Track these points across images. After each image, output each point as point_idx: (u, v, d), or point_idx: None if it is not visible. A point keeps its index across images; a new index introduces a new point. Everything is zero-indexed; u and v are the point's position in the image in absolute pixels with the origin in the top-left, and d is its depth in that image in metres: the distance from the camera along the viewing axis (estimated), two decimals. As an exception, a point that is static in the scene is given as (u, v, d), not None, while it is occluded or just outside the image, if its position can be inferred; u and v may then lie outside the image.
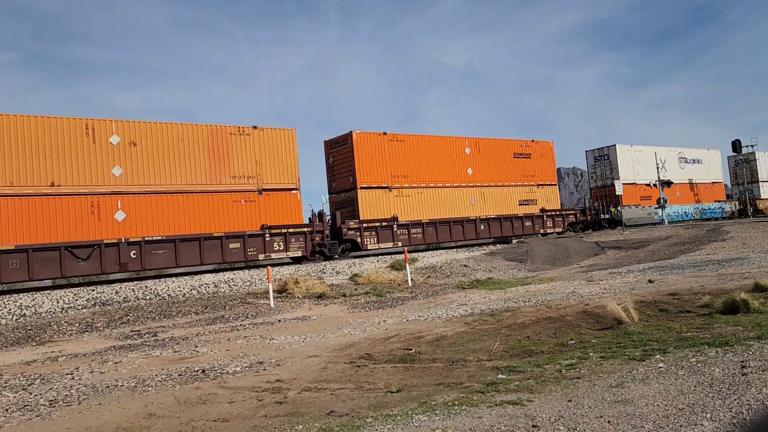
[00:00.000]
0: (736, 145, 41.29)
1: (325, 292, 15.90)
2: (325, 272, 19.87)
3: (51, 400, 6.61)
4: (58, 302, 15.12)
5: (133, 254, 18.87)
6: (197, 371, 7.63)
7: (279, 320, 12.34)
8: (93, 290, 16.44)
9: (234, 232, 20.76)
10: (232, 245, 20.65)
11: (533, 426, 4.48)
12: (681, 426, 4.22)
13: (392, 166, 25.62)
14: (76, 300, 15.41)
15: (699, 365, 5.79)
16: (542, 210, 31.48)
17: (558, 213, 32.64)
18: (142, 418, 5.67)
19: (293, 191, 22.72)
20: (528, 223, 30.49)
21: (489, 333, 8.75)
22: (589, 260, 22.71)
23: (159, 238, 19.30)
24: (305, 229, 22.57)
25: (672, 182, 37.63)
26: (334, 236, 23.69)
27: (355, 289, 16.68)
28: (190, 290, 16.88)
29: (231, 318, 13.06)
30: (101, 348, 10.31)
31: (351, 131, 24.89)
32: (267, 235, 21.54)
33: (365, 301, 14.52)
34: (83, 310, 14.62)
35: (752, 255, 17.11)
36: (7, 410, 6.32)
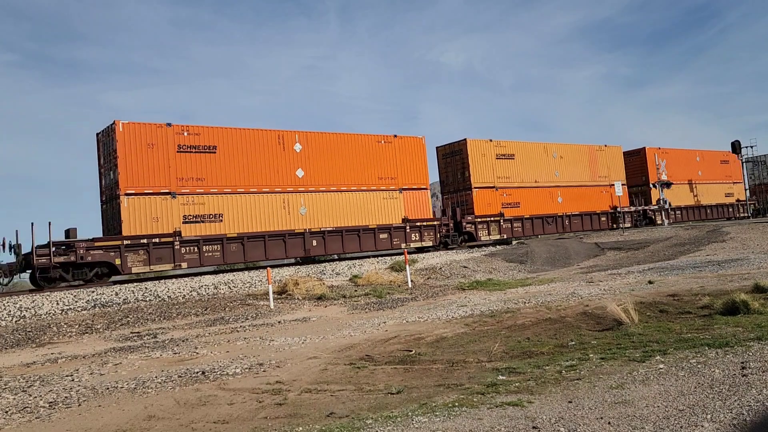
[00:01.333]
0: (736, 146, 41.30)
1: (325, 293, 15.90)
2: (324, 273, 19.87)
3: (51, 402, 6.60)
4: (57, 304, 15.11)
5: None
6: (197, 373, 7.62)
7: (279, 321, 12.33)
8: (93, 291, 16.43)
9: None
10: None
11: (533, 427, 4.48)
12: (681, 427, 4.22)
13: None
14: (76, 301, 15.40)
15: (699, 366, 5.79)
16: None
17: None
18: (141, 420, 5.67)
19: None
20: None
21: (489, 334, 8.75)
22: (589, 261, 22.72)
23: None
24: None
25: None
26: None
27: (355, 291, 16.68)
28: (190, 292, 16.87)
29: (231, 319, 13.05)
30: (101, 349, 10.31)
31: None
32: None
33: (365, 303, 14.51)
34: (83, 312, 14.61)
35: (752, 256, 17.11)
36: (6, 412, 6.31)
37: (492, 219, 29.02)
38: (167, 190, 20.08)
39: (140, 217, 19.49)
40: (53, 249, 17.75)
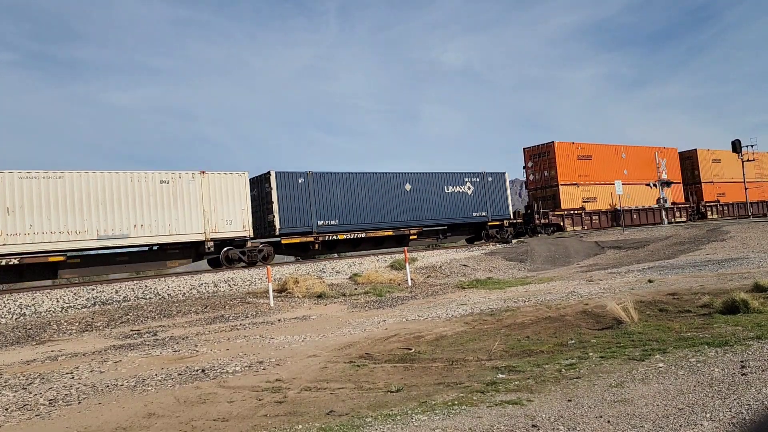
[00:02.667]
0: (736, 145, 41.24)
1: (324, 291, 15.91)
2: (324, 272, 19.87)
3: (51, 400, 6.61)
4: (57, 301, 15.12)
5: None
6: (197, 371, 7.63)
7: (279, 320, 12.34)
8: (93, 289, 16.44)
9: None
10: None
11: (533, 426, 4.48)
12: (680, 426, 4.22)
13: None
14: (76, 299, 15.41)
15: (699, 365, 5.80)
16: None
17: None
18: (141, 418, 5.67)
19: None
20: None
21: (489, 333, 8.75)
22: (589, 260, 22.72)
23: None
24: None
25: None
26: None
27: (355, 289, 16.69)
28: (190, 289, 16.88)
29: (231, 317, 13.06)
30: (101, 347, 10.31)
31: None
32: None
33: (365, 301, 14.52)
34: (83, 310, 14.63)
35: (752, 255, 17.11)
36: (6, 409, 6.32)
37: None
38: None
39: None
40: None
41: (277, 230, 23.04)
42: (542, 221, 31.99)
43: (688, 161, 41.97)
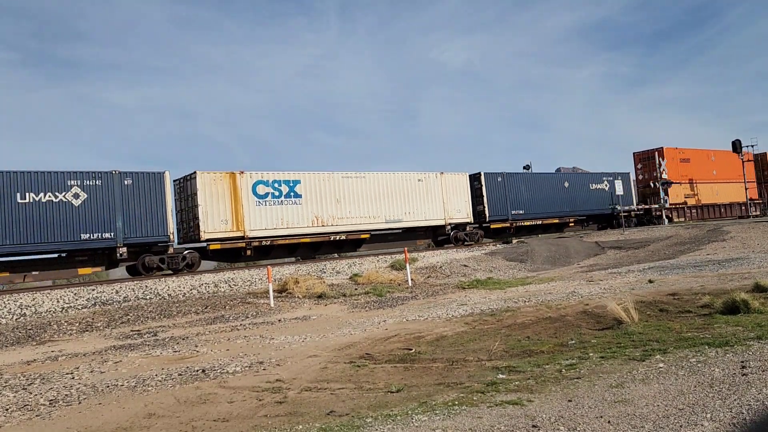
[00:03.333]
0: (736, 145, 41.24)
1: (325, 291, 15.91)
2: (324, 272, 19.87)
3: (51, 400, 6.61)
4: (58, 302, 15.13)
5: None
6: (197, 371, 7.63)
7: (279, 320, 12.34)
8: (93, 290, 16.45)
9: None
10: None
11: (533, 426, 4.48)
12: (681, 426, 4.22)
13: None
14: (77, 299, 15.41)
15: (699, 365, 5.79)
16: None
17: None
18: (142, 418, 5.67)
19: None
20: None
21: (489, 333, 8.75)
22: (590, 260, 22.72)
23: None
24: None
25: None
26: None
27: (355, 289, 16.69)
28: (190, 290, 16.89)
29: (231, 318, 13.06)
30: (101, 347, 10.32)
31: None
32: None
33: (365, 301, 14.52)
34: (83, 310, 14.63)
35: (752, 255, 17.10)
36: (7, 410, 6.32)
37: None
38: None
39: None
40: None
41: (487, 218, 29.50)
42: (656, 213, 37.77)
43: (761, 162, 47.76)
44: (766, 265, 14.35)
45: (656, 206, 37.70)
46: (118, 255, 19.46)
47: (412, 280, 17.77)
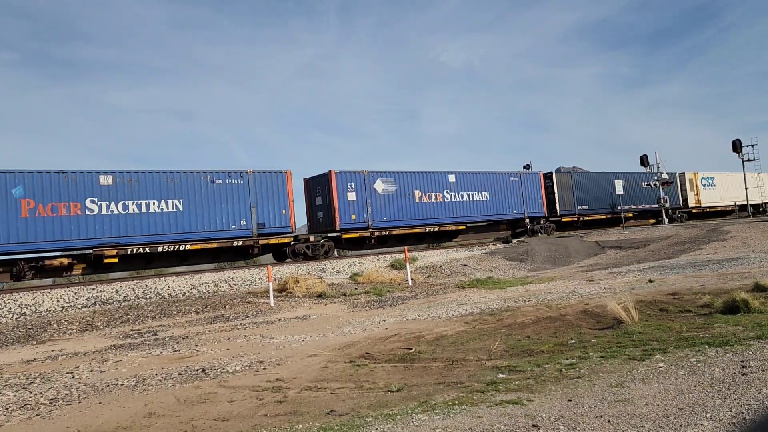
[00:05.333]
0: (736, 145, 41.24)
1: (325, 291, 15.91)
2: (325, 271, 19.87)
3: (51, 399, 6.61)
4: (58, 301, 15.13)
5: None
6: (197, 370, 7.63)
7: (279, 319, 12.34)
8: (93, 289, 16.45)
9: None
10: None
11: (533, 425, 4.48)
12: (681, 426, 4.22)
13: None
14: (77, 299, 15.42)
15: (699, 365, 5.79)
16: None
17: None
18: (142, 417, 5.67)
19: None
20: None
21: (489, 332, 8.75)
22: (590, 260, 22.71)
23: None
24: None
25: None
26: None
27: (355, 289, 16.68)
28: (191, 289, 16.89)
29: (231, 317, 13.06)
30: (101, 347, 10.32)
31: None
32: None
33: (365, 301, 14.52)
34: (83, 309, 14.63)
35: (752, 255, 17.10)
36: (7, 409, 6.32)
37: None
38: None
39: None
40: None
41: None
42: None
43: None
44: (766, 264, 14.35)
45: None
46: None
47: (412, 279, 17.76)
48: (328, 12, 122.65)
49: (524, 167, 37.32)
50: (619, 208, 35.19)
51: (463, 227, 28.74)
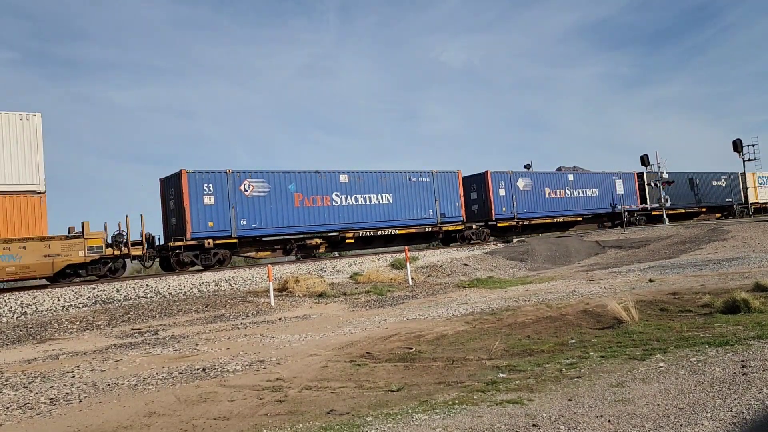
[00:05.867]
0: (737, 145, 41.23)
1: (325, 290, 15.91)
2: (325, 271, 19.88)
3: (52, 398, 6.62)
4: (58, 300, 15.14)
5: None
6: (198, 369, 7.63)
7: (279, 319, 12.34)
8: (94, 288, 16.46)
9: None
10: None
11: (533, 425, 4.48)
12: (681, 425, 4.22)
13: None
14: (77, 298, 15.43)
15: (699, 365, 5.79)
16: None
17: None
18: (142, 416, 5.68)
19: None
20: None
21: (489, 332, 8.75)
22: (590, 259, 22.71)
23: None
24: None
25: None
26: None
27: (356, 288, 16.69)
28: (191, 288, 16.90)
29: (231, 316, 13.07)
30: (102, 346, 10.32)
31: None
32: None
33: (366, 300, 14.52)
34: (84, 309, 14.64)
35: (753, 254, 17.10)
36: (7, 408, 6.33)
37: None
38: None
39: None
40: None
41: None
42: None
43: None
44: (766, 264, 14.34)
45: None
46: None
47: (412, 279, 17.77)
48: (328, 12, 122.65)
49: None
50: (619, 208, 35.25)
51: (580, 218, 34.24)
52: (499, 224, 30.24)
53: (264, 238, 22.91)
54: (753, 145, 42.36)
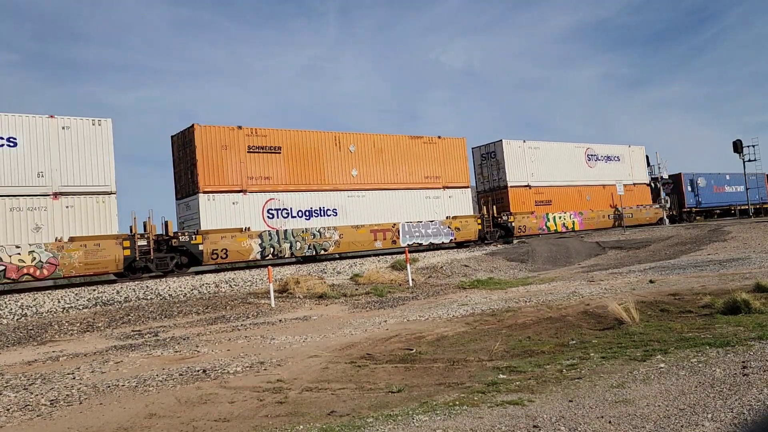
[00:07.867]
0: (737, 145, 41.23)
1: (326, 292, 15.91)
2: (325, 272, 19.88)
3: (52, 400, 6.62)
4: (59, 302, 15.14)
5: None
6: (198, 371, 7.63)
7: (280, 320, 12.34)
8: (94, 290, 16.46)
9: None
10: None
11: (534, 426, 4.48)
12: (682, 426, 4.22)
13: None
14: (78, 300, 15.43)
15: (700, 365, 5.79)
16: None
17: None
18: (143, 418, 5.68)
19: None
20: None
21: (490, 333, 8.75)
22: (590, 260, 22.71)
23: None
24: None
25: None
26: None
27: (356, 289, 16.68)
28: (191, 290, 16.89)
29: (232, 318, 13.06)
30: (102, 348, 10.32)
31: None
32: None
33: (366, 301, 14.52)
34: (84, 310, 14.64)
35: (753, 255, 17.09)
36: (8, 410, 6.33)
37: None
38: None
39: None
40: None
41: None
42: None
43: None
44: (767, 265, 14.34)
45: None
46: None
47: (413, 280, 17.76)
48: (328, 13, 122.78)
49: None
50: (619, 209, 35.27)
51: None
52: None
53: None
54: (753, 146, 42.35)
